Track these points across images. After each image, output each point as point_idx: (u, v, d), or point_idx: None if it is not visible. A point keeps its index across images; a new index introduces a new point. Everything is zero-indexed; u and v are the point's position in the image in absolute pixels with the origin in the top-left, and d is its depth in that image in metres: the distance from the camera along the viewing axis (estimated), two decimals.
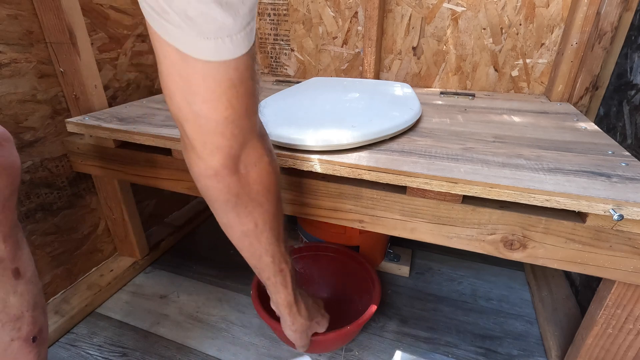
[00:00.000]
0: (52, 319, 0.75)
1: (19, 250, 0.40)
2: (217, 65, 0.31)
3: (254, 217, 0.43)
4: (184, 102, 0.33)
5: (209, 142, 0.35)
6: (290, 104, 0.72)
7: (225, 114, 0.33)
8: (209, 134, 0.34)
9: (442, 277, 0.92)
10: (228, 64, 0.31)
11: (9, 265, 0.39)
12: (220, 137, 0.35)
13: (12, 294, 0.39)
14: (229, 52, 0.31)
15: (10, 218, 0.39)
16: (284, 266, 0.51)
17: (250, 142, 0.38)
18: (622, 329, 0.53)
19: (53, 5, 0.68)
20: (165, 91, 0.34)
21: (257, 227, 0.44)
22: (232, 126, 0.35)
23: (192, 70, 0.31)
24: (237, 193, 0.40)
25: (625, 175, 0.49)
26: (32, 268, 0.43)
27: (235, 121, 0.35)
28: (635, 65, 0.71)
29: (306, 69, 1.12)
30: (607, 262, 0.48)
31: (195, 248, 1.04)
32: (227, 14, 0.28)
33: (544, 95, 0.92)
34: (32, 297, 0.42)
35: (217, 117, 0.33)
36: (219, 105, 0.33)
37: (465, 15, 0.90)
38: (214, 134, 0.34)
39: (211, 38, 0.29)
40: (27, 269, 0.41)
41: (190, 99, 0.32)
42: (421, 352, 0.72)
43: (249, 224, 0.44)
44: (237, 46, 0.31)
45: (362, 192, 0.56)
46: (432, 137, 0.63)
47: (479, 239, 0.52)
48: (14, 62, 0.67)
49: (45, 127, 0.73)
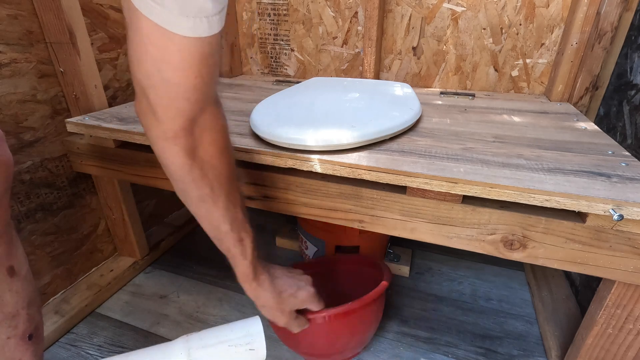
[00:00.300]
0: (52, 319, 0.75)
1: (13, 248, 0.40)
2: (193, 40, 0.35)
3: (209, 179, 0.45)
4: (154, 69, 0.36)
5: (173, 106, 0.39)
6: (290, 104, 0.72)
7: (194, 82, 0.38)
8: (176, 99, 0.38)
9: (442, 277, 0.92)
10: (203, 39, 0.36)
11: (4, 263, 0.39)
12: (185, 102, 0.39)
13: (7, 292, 0.39)
14: (205, 31, 0.35)
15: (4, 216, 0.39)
16: (244, 235, 0.50)
17: (209, 107, 0.42)
18: (622, 329, 0.53)
19: (53, 5, 0.68)
20: (133, 59, 0.37)
21: (214, 190, 0.45)
22: (197, 92, 0.39)
23: (169, 43, 0.35)
24: (192, 155, 0.42)
25: (625, 175, 0.49)
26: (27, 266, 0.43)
27: (202, 88, 0.39)
28: (635, 65, 0.71)
29: (306, 69, 1.12)
30: (607, 262, 0.48)
31: (195, 248, 1.04)
32: None
33: (544, 95, 0.92)
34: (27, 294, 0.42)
35: (187, 84, 0.38)
36: (189, 73, 0.37)
37: (465, 15, 0.90)
38: (180, 99, 0.38)
39: (191, 17, 0.34)
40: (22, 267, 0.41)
41: (162, 67, 0.36)
42: (421, 352, 0.72)
43: (205, 187, 0.45)
44: (211, 26, 0.36)
45: (362, 192, 0.56)
46: (432, 137, 0.63)
47: (479, 239, 0.52)
48: (14, 62, 0.67)
49: (45, 127, 0.73)
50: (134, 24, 0.35)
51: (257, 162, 0.59)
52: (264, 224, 1.13)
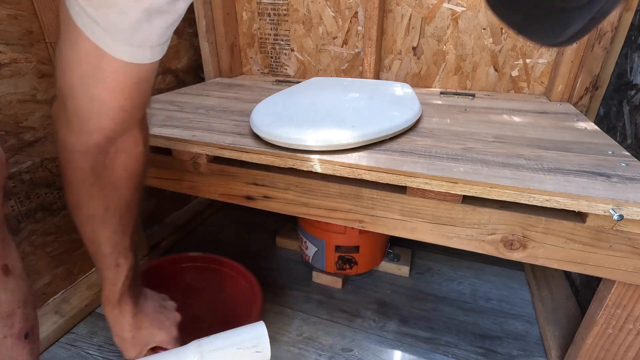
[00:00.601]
0: (52, 319, 0.75)
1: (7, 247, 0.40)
2: (131, 65, 0.35)
3: (106, 200, 0.43)
4: (80, 83, 0.35)
5: (94, 122, 0.38)
6: (290, 104, 0.72)
7: (123, 103, 0.37)
8: (98, 116, 0.37)
9: (442, 277, 0.92)
10: (141, 66, 0.35)
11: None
12: (108, 120, 0.38)
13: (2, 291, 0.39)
14: (146, 59, 0.35)
15: None
16: (122, 261, 0.48)
17: (132, 130, 0.42)
18: (622, 329, 0.53)
19: (53, 5, 0.68)
20: (59, 66, 0.36)
21: (108, 212, 0.44)
22: (123, 113, 0.38)
23: (105, 64, 0.34)
24: (98, 173, 0.41)
25: (625, 175, 0.49)
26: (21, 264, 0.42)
27: (129, 110, 0.38)
28: (635, 65, 0.71)
29: (306, 69, 1.12)
30: (607, 262, 0.48)
31: (195, 248, 1.03)
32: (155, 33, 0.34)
33: (544, 95, 0.92)
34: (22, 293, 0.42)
35: (114, 104, 0.37)
36: (119, 95, 0.36)
37: (465, 15, 0.90)
38: (103, 117, 0.37)
39: (134, 46, 0.34)
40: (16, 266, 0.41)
41: (92, 83, 0.35)
42: (421, 352, 0.72)
43: (99, 207, 0.43)
44: (154, 55, 0.36)
45: (362, 192, 0.56)
46: (432, 137, 0.63)
47: (479, 239, 0.52)
48: (14, 62, 0.67)
49: (45, 127, 0.73)
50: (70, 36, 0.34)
51: (257, 162, 0.59)
52: (264, 224, 1.13)
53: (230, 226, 1.13)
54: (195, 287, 0.80)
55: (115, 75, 0.35)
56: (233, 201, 0.67)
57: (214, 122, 0.72)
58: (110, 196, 0.43)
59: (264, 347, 0.46)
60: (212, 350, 0.45)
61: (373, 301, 0.84)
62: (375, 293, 0.86)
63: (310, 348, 0.72)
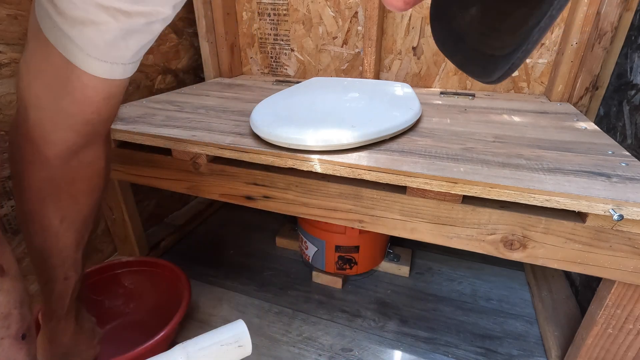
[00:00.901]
0: None
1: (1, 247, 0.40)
2: (103, 80, 0.34)
3: (62, 212, 0.42)
4: (47, 93, 0.35)
5: (58, 134, 0.37)
6: (290, 104, 0.72)
7: (90, 117, 0.37)
8: (62, 128, 0.37)
9: (442, 277, 0.92)
10: (113, 82, 0.35)
11: None
12: (73, 133, 0.37)
13: None
14: (118, 75, 0.35)
15: None
16: (71, 274, 0.46)
17: (96, 145, 0.41)
18: (622, 329, 0.53)
19: None
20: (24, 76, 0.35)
21: (62, 224, 0.43)
22: (89, 127, 0.38)
23: (74, 77, 0.34)
24: (57, 184, 0.40)
25: (625, 175, 0.49)
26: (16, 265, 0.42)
27: (96, 124, 0.38)
28: (635, 65, 0.71)
29: (306, 69, 1.12)
30: (607, 262, 0.48)
31: (195, 248, 1.04)
32: (130, 51, 0.34)
33: (544, 95, 0.92)
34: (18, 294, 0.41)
35: (81, 117, 0.36)
36: (87, 108, 0.36)
37: None
38: (67, 129, 0.37)
39: (108, 62, 0.34)
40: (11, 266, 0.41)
41: (60, 95, 0.35)
42: (421, 352, 0.72)
43: (55, 219, 0.42)
44: (125, 72, 0.36)
45: (362, 192, 0.56)
46: (432, 137, 0.63)
47: (479, 239, 0.52)
48: (14, 62, 0.67)
49: None
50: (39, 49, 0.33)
51: (257, 162, 0.59)
52: (264, 224, 1.13)
53: (230, 226, 1.13)
54: (135, 291, 0.81)
55: (84, 89, 0.34)
56: (233, 201, 0.67)
57: (214, 122, 0.72)
58: (68, 208, 0.43)
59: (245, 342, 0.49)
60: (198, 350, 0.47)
61: (373, 301, 0.84)
62: (375, 293, 0.86)
63: (310, 348, 0.72)
